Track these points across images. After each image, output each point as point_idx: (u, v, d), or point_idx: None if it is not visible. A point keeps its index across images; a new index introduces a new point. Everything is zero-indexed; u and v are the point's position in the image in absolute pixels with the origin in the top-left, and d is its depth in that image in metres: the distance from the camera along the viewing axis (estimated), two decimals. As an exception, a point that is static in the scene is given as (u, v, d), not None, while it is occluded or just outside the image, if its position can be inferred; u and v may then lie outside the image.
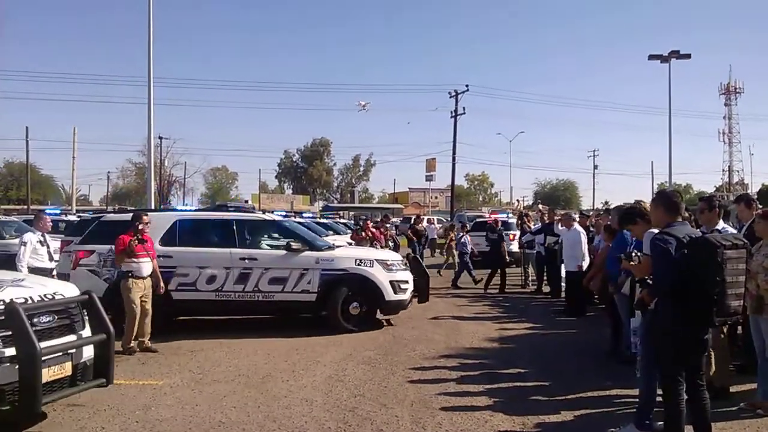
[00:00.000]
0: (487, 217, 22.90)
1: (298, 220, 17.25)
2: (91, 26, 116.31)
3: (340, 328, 8.82)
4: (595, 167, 75.20)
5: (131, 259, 7.69)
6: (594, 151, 75.42)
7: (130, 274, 7.62)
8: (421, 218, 22.14)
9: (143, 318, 7.65)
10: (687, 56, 31.04)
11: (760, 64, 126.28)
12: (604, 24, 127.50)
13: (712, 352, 5.20)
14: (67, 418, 5.13)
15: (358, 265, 9.11)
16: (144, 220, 7.94)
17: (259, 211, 12.33)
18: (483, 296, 13.15)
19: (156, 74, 24.79)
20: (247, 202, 44.69)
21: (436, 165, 58.92)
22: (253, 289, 8.85)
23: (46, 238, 9.17)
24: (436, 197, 73.66)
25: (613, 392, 5.89)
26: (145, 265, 7.78)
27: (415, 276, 10.20)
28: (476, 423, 5.03)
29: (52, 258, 9.14)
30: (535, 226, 15.99)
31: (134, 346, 7.57)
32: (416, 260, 11.81)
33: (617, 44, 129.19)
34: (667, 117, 32.20)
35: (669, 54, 30.70)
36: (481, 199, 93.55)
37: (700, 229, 5.29)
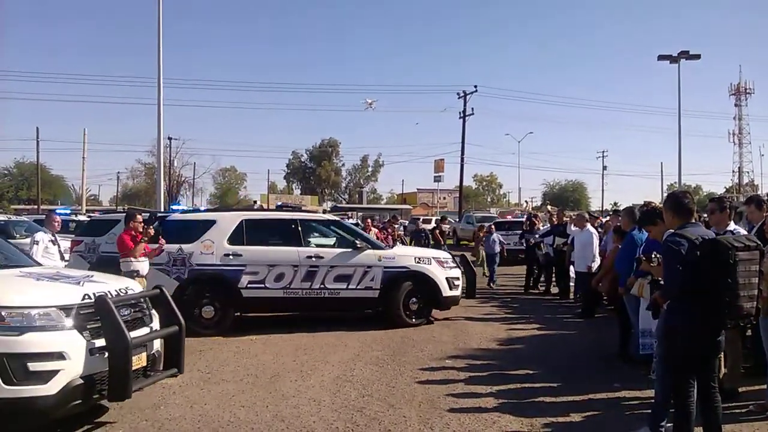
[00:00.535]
0: (512, 216, 22.86)
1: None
2: (100, 27, 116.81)
3: (403, 323, 9.22)
4: (604, 168, 74.85)
5: (135, 259, 7.74)
6: (603, 151, 75.02)
7: (136, 274, 7.66)
8: (447, 219, 22.19)
9: None
10: (697, 56, 30.85)
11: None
12: (613, 24, 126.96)
13: (723, 354, 5.17)
14: (75, 415, 5.15)
15: (418, 262, 9.51)
16: (138, 220, 8.05)
17: (320, 211, 12.88)
18: (491, 297, 13.09)
19: (165, 75, 24.93)
20: (255, 202, 44.85)
21: (444, 166, 58.82)
22: (319, 287, 9.09)
23: (57, 238, 9.23)
24: (445, 198, 73.58)
25: (622, 394, 5.86)
26: (145, 264, 7.85)
27: (464, 273, 10.70)
28: (484, 424, 5.02)
29: (63, 257, 9.20)
30: (543, 227, 15.95)
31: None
32: (464, 258, 12.34)
33: (626, 44, 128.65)
34: (677, 118, 32.07)
35: (678, 54, 30.53)
36: (489, 200, 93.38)
37: (712, 229, 5.25)
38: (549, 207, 42.45)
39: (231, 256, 8.82)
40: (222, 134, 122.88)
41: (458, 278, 9.97)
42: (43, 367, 4.10)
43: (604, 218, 16.01)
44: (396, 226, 19.27)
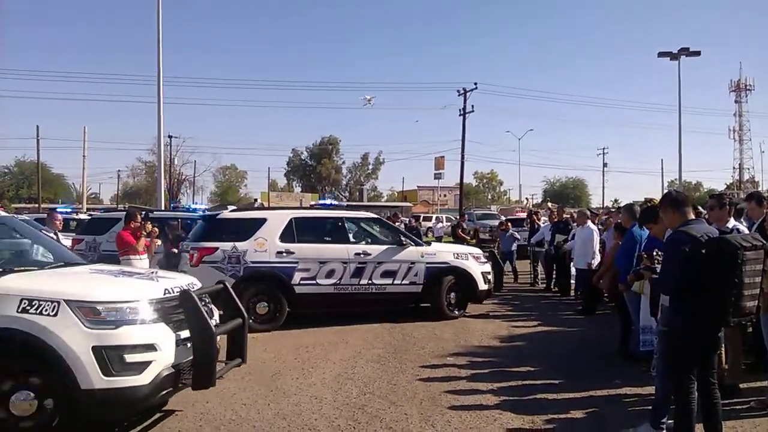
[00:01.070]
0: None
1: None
2: (101, 26, 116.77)
3: (446, 316, 9.72)
4: (605, 165, 74.86)
5: (135, 257, 7.77)
6: (604, 148, 75.09)
7: None
8: (465, 217, 22.18)
9: None
10: (697, 53, 30.88)
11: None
12: (614, 23, 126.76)
13: (724, 350, 5.18)
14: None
15: (457, 258, 10.02)
16: (138, 218, 8.15)
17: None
18: (493, 294, 13.07)
19: (165, 73, 24.93)
20: (256, 200, 44.86)
21: (444, 163, 58.64)
22: (367, 282, 9.43)
23: (59, 236, 9.25)
24: (445, 195, 73.44)
25: (623, 391, 5.87)
26: (145, 263, 7.89)
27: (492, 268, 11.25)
28: (485, 421, 5.04)
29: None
30: (544, 224, 15.96)
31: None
32: (492, 254, 12.68)
33: (626, 43, 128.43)
34: (677, 115, 32.07)
35: (679, 51, 30.53)
36: (490, 197, 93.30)
37: (713, 226, 5.25)
38: (549, 204, 42.44)
39: (284, 253, 9.08)
40: (222, 132, 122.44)
41: (490, 273, 10.49)
42: (137, 359, 4.29)
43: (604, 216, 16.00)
44: (397, 223, 19.24)
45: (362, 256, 9.42)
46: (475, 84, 43.76)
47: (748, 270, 3.87)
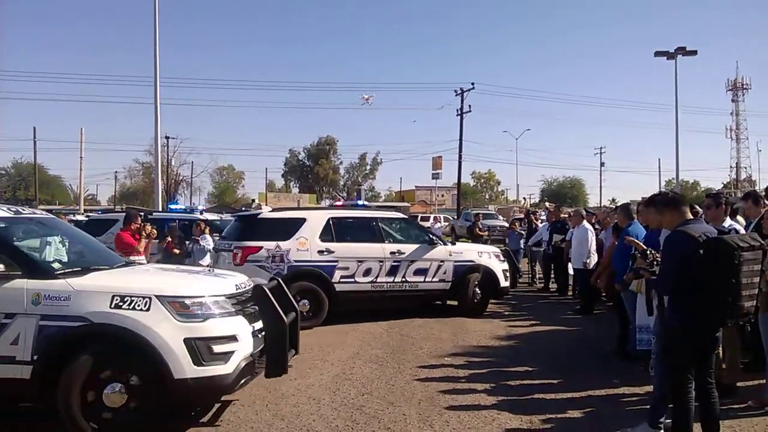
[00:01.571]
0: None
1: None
2: (99, 27, 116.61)
3: (472, 312, 10.07)
4: (602, 164, 74.90)
5: (136, 257, 7.78)
6: (601, 148, 75.12)
7: None
8: (480, 216, 22.19)
9: None
10: (693, 53, 30.97)
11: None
12: (611, 21, 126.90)
13: (722, 349, 5.19)
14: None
15: (481, 256, 10.44)
16: (138, 220, 8.20)
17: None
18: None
19: (164, 73, 24.90)
20: (253, 201, 44.80)
21: (442, 163, 58.61)
22: (401, 280, 9.75)
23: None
24: (443, 195, 73.39)
25: (621, 390, 5.88)
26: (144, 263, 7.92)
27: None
28: (483, 421, 5.04)
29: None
30: (542, 224, 15.97)
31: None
32: (507, 253, 12.87)
33: (623, 42, 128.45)
34: (674, 114, 32.15)
35: (675, 50, 30.64)
36: (487, 197, 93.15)
37: (711, 225, 5.25)
38: (547, 203, 42.47)
39: (324, 252, 9.34)
40: (219, 133, 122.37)
41: (508, 270, 10.93)
42: (223, 349, 4.55)
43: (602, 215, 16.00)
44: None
45: (397, 254, 9.74)
46: (472, 84, 43.98)
47: (745, 270, 3.86)
